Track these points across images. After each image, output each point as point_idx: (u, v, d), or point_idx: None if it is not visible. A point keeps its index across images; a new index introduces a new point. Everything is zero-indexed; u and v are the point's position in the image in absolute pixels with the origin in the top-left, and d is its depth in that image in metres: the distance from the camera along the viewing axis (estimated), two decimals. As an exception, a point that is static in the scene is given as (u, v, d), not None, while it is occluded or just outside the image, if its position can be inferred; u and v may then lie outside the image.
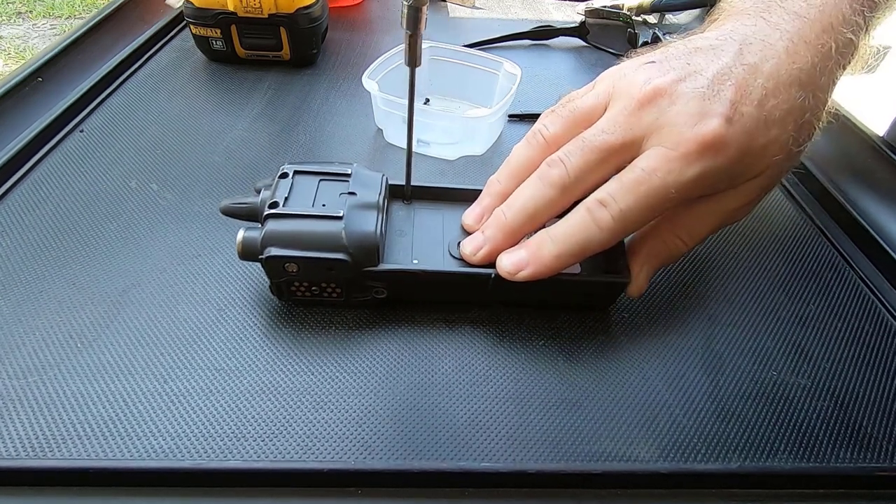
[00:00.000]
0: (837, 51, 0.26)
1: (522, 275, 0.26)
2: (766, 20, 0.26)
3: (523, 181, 0.27)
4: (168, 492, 0.22)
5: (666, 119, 0.25)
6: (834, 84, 0.27)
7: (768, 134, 0.25)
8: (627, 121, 0.25)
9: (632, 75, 0.26)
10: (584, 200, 0.26)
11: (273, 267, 0.26)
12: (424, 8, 0.26)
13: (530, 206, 0.26)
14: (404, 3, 0.26)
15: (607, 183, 0.25)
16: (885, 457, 0.24)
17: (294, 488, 0.22)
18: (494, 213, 0.28)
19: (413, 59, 0.27)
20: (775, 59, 0.25)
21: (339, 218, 0.26)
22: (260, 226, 0.26)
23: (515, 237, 0.27)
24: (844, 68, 0.27)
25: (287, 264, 0.26)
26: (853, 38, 0.26)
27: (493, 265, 0.27)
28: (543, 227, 0.27)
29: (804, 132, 0.26)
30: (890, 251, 0.34)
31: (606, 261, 0.29)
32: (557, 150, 0.26)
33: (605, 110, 0.27)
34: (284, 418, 0.24)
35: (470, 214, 0.29)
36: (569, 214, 0.26)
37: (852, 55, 0.27)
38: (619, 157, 0.25)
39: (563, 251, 0.25)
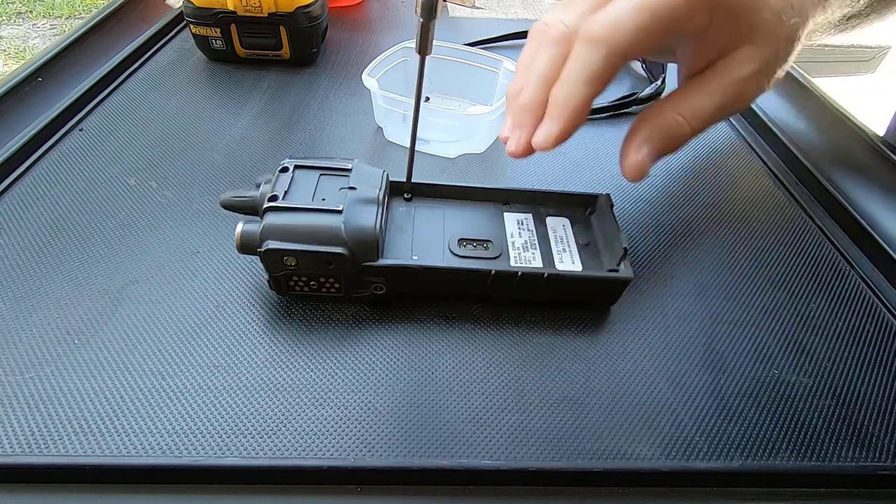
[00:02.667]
0: None
1: (553, 133, 0.25)
2: None
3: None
4: (166, 489, 0.22)
5: None
6: None
7: None
8: None
9: None
10: None
11: (272, 260, 0.26)
12: None
13: (542, 73, 0.26)
14: None
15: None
16: (887, 456, 0.24)
17: (293, 485, 0.22)
18: (516, 101, 0.27)
19: (424, 48, 0.27)
20: None
21: (339, 212, 0.26)
22: (259, 220, 0.26)
23: (542, 109, 0.26)
24: None
25: (286, 257, 0.26)
26: None
27: (489, 261, 0.27)
28: None
29: (794, 8, 0.26)
30: (890, 251, 0.34)
31: (607, 259, 0.29)
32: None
33: None
34: (283, 415, 0.24)
35: (503, 129, 0.28)
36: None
37: None
38: None
39: (571, 87, 0.25)
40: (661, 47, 0.26)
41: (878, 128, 0.43)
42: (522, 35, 0.57)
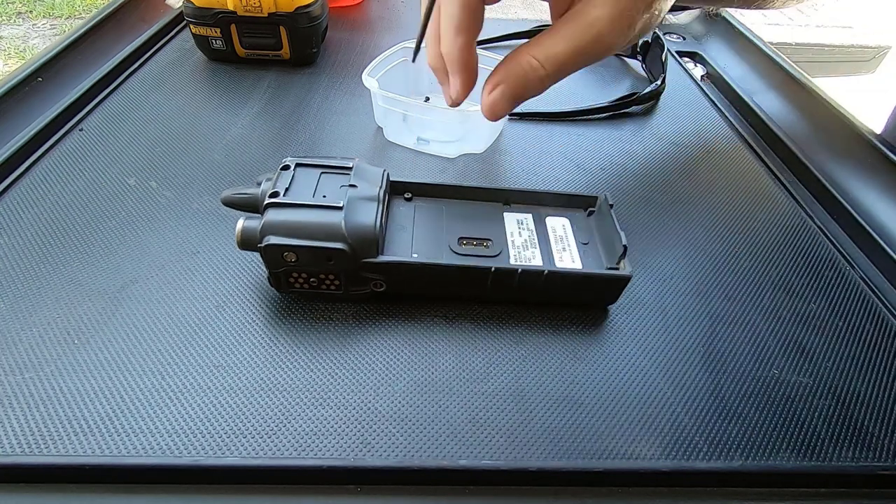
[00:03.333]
0: None
1: (455, 87, 0.26)
2: None
3: None
4: (165, 489, 0.22)
5: None
6: None
7: None
8: None
9: None
10: None
11: (272, 256, 0.26)
12: None
13: (432, 31, 0.27)
14: None
15: None
16: (887, 456, 0.24)
17: (292, 485, 0.22)
18: (436, 49, 0.27)
19: None
20: None
21: (339, 208, 0.26)
22: (260, 216, 0.26)
23: (443, 62, 0.27)
24: None
25: (286, 253, 0.26)
26: None
27: (489, 259, 0.27)
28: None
29: None
30: (890, 251, 0.34)
31: (606, 258, 0.29)
32: None
33: None
34: (283, 415, 0.24)
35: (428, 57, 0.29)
36: None
37: None
38: None
39: (449, 41, 0.26)
40: None
41: (879, 128, 0.43)
42: (522, 35, 0.57)
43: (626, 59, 0.55)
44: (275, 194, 0.26)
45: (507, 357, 0.27)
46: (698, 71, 0.57)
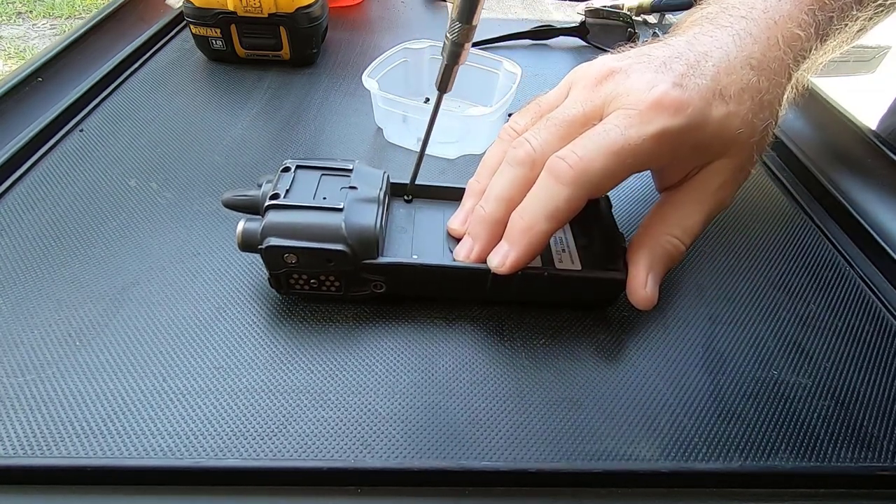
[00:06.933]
0: (785, 42, 0.27)
1: (510, 261, 0.26)
2: (712, 24, 0.28)
3: None
4: (166, 490, 0.22)
5: (623, 88, 0.26)
6: (789, 74, 0.28)
7: (726, 107, 0.26)
8: (587, 96, 0.27)
9: (589, 65, 0.28)
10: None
11: (272, 257, 0.26)
12: (467, 45, 0.27)
13: (503, 192, 0.27)
14: (447, 36, 0.27)
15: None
16: (886, 456, 0.24)
17: (293, 487, 0.22)
18: (475, 210, 0.28)
19: (444, 86, 0.29)
20: (724, 48, 0.27)
21: (340, 210, 0.26)
22: (261, 218, 0.26)
23: (499, 226, 0.27)
24: (798, 62, 0.29)
25: (286, 255, 0.26)
26: (800, 32, 0.28)
27: None
28: None
29: (765, 111, 0.27)
30: (890, 251, 0.34)
31: (606, 259, 0.29)
32: None
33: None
34: (283, 416, 0.24)
35: (454, 220, 0.30)
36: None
37: (807, 50, 0.29)
38: (582, 127, 0.26)
39: (531, 219, 0.25)
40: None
41: (877, 127, 0.43)
42: (522, 35, 0.57)
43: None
44: (275, 196, 0.26)
45: (506, 358, 0.27)
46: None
